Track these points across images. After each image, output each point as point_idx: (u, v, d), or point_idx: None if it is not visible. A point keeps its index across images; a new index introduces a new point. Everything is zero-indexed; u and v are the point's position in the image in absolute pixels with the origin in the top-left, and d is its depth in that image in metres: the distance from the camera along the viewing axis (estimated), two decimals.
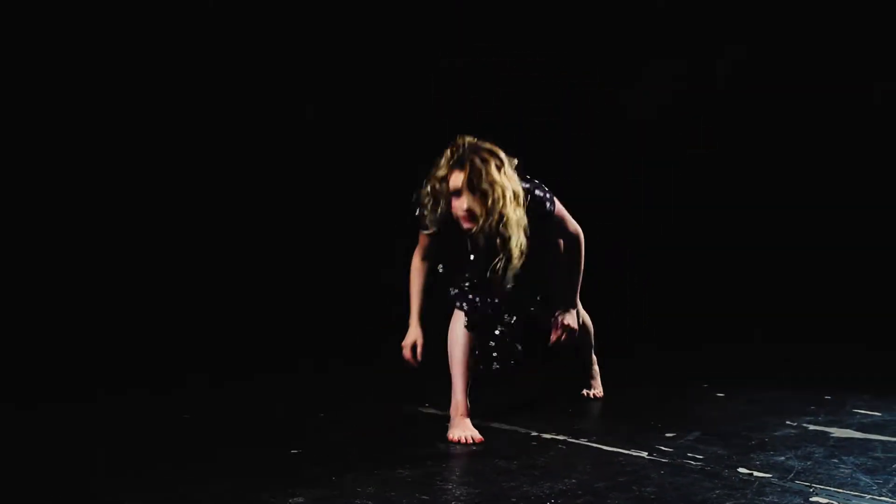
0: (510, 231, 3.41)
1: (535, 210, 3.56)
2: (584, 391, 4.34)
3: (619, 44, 6.64)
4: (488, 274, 3.51)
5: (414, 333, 3.73)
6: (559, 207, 3.64)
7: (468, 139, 3.50)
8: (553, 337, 3.72)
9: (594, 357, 4.33)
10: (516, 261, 3.45)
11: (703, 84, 6.69)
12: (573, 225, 3.71)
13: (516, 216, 3.43)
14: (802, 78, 6.51)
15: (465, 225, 3.45)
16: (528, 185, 3.56)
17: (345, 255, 6.41)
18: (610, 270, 6.07)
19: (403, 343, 3.74)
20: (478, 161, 3.41)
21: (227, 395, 4.75)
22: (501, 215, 3.39)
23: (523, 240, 3.45)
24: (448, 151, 3.48)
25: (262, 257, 6.30)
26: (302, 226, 6.35)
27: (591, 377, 4.34)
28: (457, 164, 3.44)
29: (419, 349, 3.71)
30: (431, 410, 4.10)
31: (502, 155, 3.47)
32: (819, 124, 6.56)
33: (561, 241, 3.75)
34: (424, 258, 3.74)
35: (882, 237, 6.44)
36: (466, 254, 3.62)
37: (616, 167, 6.66)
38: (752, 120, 6.70)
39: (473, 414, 3.65)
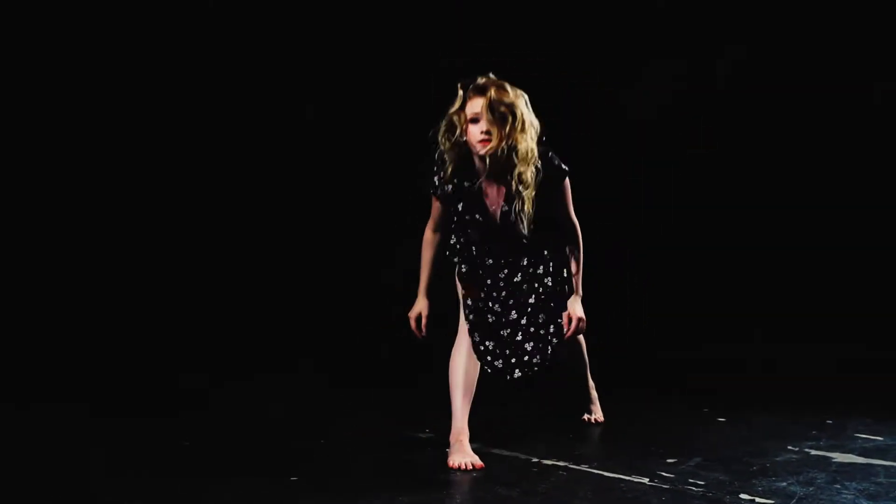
0: (522, 163, 3.41)
1: (550, 167, 3.52)
2: (585, 416, 4.30)
3: (619, 44, 6.62)
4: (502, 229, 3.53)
5: (420, 305, 3.72)
6: (568, 182, 3.61)
7: (490, 75, 3.50)
8: (568, 333, 3.67)
9: (591, 381, 4.28)
10: (528, 201, 3.45)
11: (703, 84, 6.67)
12: (573, 214, 3.68)
13: (529, 147, 3.42)
14: (802, 78, 6.49)
15: (482, 151, 3.42)
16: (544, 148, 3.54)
17: (345, 255, 6.41)
18: (610, 270, 6.07)
19: (409, 314, 3.73)
20: (506, 86, 3.44)
21: (227, 395, 4.77)
22: (515, 143, 3.39)
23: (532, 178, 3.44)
24: (460, 89, 3.47)
25: (263, 257, 6.31)
26: (302, 226, 6.34)
27: (591, 402, 4.31)
28: (476, 91, 3.45)
29: (424, 321, 3.71)
30: (431, 436, 4.07)
31: (521, 92, 3.49)
32: (819, 124, 6.55)
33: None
34: (436, 230, 3.71)
35: (882, 237, 6.44)
36: (473, 216, 3.59)
37: (616, 167, 6.64)
38: (752, 120, 6.69)
39: (473, 439, 3.63)
